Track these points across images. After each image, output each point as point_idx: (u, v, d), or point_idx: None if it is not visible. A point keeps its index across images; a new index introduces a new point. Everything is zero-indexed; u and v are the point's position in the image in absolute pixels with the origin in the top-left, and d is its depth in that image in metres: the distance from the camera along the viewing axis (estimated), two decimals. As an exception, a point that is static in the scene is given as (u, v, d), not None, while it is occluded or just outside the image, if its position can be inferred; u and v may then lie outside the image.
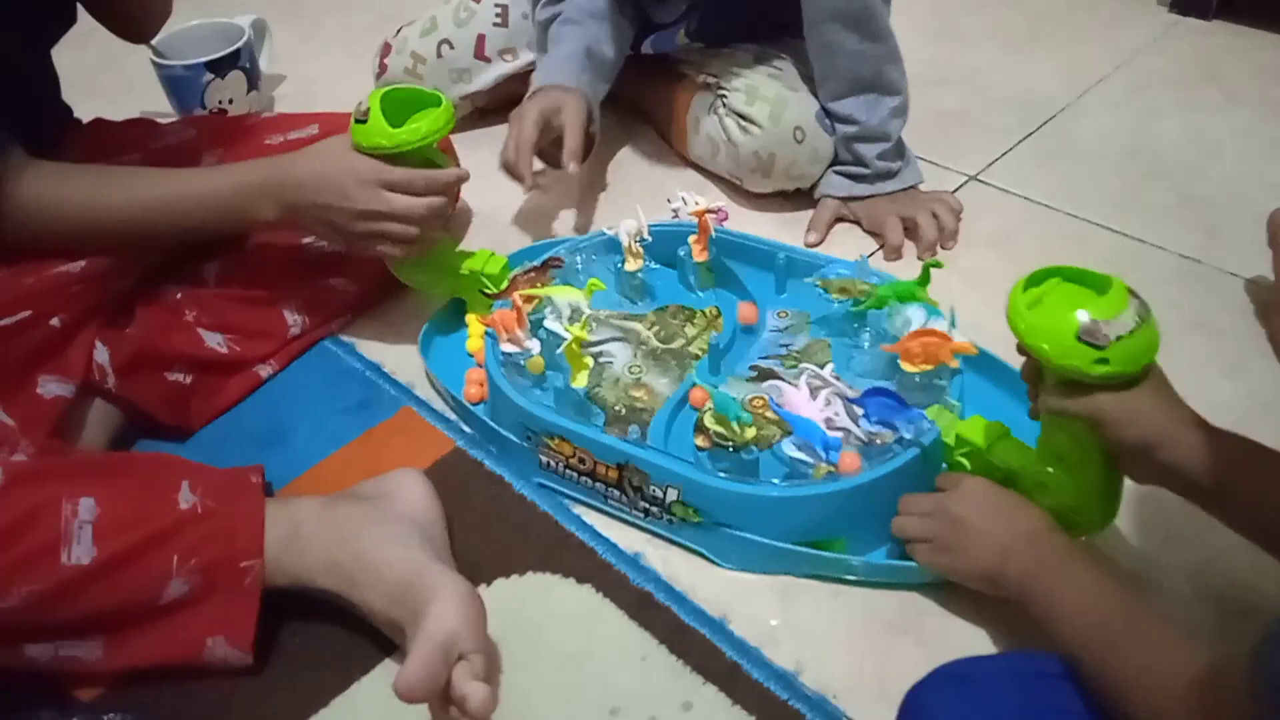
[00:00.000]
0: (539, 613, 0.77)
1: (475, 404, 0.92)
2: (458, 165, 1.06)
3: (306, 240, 0.98)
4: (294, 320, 0.99)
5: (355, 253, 0.91)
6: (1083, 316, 0.63)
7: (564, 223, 1.16)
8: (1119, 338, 0.62)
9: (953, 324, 0.86)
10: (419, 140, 0.86)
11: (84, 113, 1.03)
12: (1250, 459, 0.65)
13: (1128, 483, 0.71)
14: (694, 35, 1.18)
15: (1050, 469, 0.72)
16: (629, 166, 1.25)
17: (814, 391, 0.83)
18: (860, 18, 1.03)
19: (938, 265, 0.90)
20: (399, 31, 1.27)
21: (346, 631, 0.75)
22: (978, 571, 0.72)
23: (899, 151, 1.11)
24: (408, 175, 0.87)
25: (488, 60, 1.25)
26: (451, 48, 1.22)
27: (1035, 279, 0.67)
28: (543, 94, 1.08)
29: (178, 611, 0.70)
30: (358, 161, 0.86)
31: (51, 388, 0.84)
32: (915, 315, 0.87)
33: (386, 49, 1.27)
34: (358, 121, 0.86)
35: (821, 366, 0.90)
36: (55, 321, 0.84)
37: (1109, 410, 0.65)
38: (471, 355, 0.97)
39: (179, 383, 0.92)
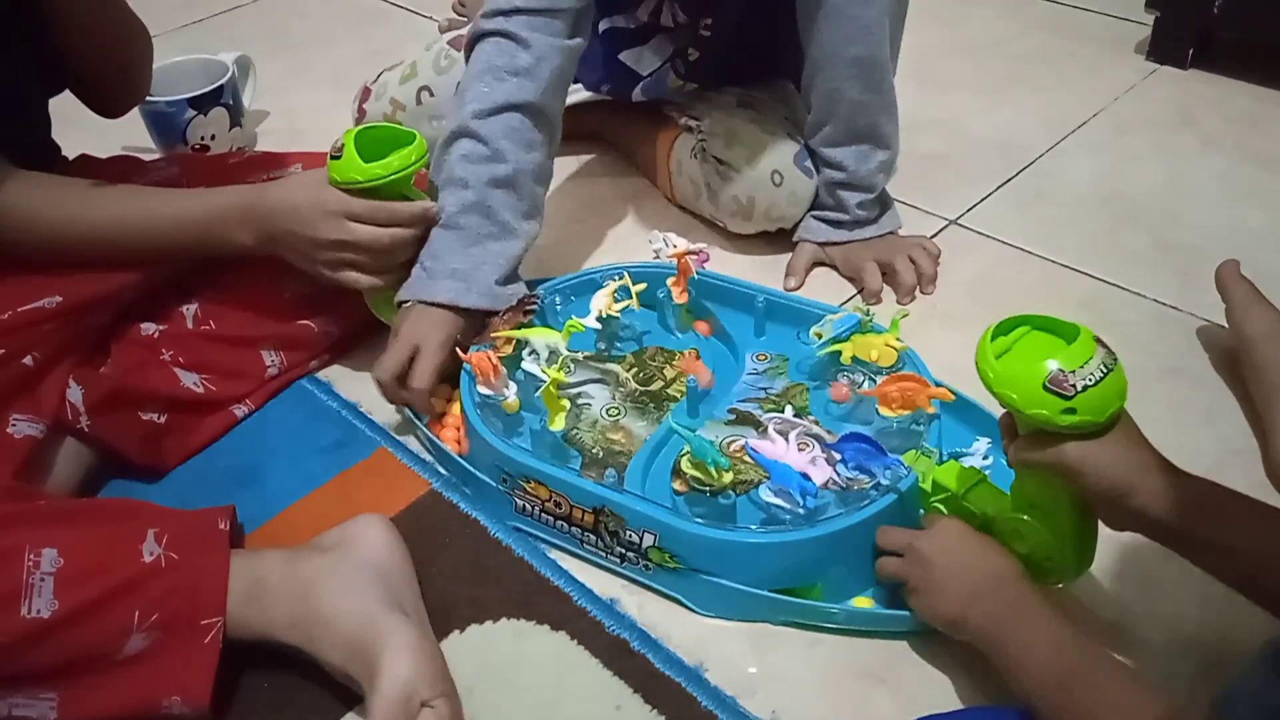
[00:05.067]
0: (512, 659, 0.76)
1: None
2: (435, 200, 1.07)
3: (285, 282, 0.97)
4: (271, 361, 0.98)
5: (326, 282, 0.91)
6: (1050, 366, 0.63)
7: (544, 263, 1.16)
8: (1085, 387, 0.63)
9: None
10: (391, 175, 0.88)
11: (67, 143, 1.03)
12: (1222, 504, 0.65)
13: (1105, 531, 0.71)
14: (686, 77, 1.19)
15: (1025, 516, 0.72)
16: (613, 207, 1.26)
17: (787, 436, 0.83)
18: (870, 66, 1.03)
19: (905, 315, 0.92)
20: (379, 76, 1.27)
21: (313, 681, 0.74)
22: (941, 615, 0.73)
23: (880, 201, 1.12)
24: (371, 207, 0.88)
25: None
26: (431, 95, 1.22)
27: (1004, 327, 0.67)
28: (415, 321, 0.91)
29: (135, 667, 0.69)
30: (325, 194, 0.88)
31: (22, 427, 0.83)
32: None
33: (366, 94, 1.27)
34: (333, 158, 0.88)
35: (799, 411, 0.90)
36: (28, 360, 0.84)
37: (1078, 460, 0.65)
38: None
39: (153, 422, 0.91)
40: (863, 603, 0.79)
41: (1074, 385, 0.63)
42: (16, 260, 0.86)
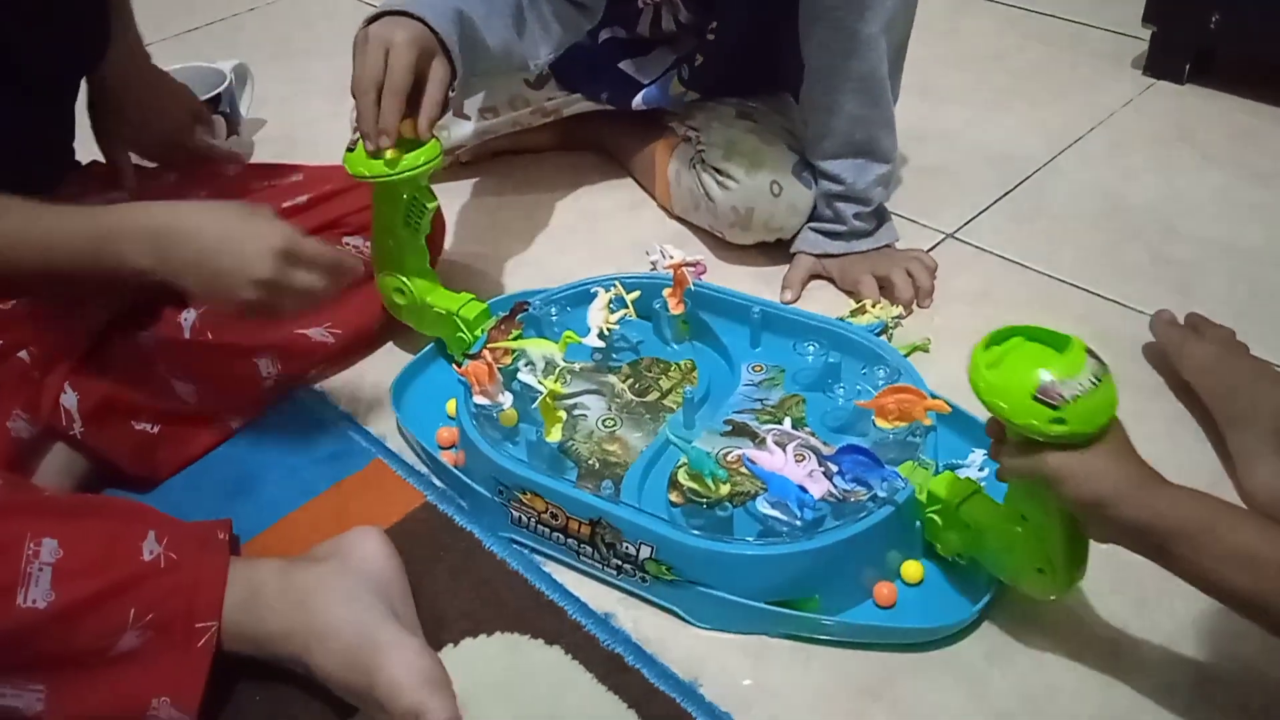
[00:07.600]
0: (507, 674, 0.76)
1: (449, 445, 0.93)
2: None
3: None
4: (268, 371, 0.97)
5: (222, 310, 0.85)
6: (1041, 376, 0.63)
7: (542, 273, 1.16)
8: (1075, 398, 0.63)
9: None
10: (398, 174, 0.87)
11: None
12: (1211, 515, 0.64)
13: (1100, 548, 0.71)
14: (689, 83, 1.19)
15: (1017, 528, 0.72)
16: (610, 217, 1.26)
17: (784, 448, 0.82)
18: (868, 80, 1.04)
19: (898, 326, 0.94)
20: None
21: (307, 694, 0.73)
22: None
23: (878, 214, 1.12)
24: (316, 253, 0.81)
25: (467, 118, 1.25)
26: None
27: (997, 337, 0.68)
28: (405, 25, 0.86)
29: (126, 666, 0.68)
30: (267, 227, 0.80)
31: (19, 425, 0.82)
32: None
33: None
34: (349, 150, 0.88)
35: (796, 422, 0.90)
36: (24, 354, 0.83)
37: (1056, 469, 0.65)
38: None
39: (146, 432, 0.90)
40: (911, 568, 0.80)
41: (1063, 395, 0.63)
42: None
